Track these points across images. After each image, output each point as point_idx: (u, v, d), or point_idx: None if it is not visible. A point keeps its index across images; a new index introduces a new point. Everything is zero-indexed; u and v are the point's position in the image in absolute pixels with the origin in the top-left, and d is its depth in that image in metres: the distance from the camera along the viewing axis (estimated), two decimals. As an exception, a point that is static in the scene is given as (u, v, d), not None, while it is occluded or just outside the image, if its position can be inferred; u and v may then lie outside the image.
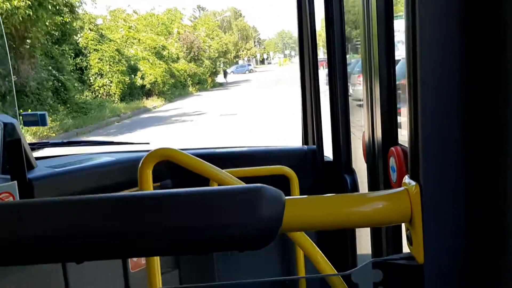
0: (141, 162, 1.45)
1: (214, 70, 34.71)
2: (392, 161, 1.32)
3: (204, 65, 32.06)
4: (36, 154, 2.09)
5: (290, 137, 6.50)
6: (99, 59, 20.15)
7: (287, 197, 0.61)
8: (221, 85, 35.97)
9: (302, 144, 2.28)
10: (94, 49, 20.22)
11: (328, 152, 2.09)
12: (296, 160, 2.12)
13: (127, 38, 25.41)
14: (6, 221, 0.57)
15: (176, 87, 27.08)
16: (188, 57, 30.51)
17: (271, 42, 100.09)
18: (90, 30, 20.56)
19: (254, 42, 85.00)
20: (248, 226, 0.57)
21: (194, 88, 30.32)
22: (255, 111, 15.87)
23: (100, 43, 20.50)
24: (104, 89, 20.20)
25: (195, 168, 1.44)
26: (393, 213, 0.64)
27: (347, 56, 1.90)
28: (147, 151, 1.49)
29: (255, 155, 2.21)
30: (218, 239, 0.58)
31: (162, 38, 28.74)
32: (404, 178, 0.66)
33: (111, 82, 20.30)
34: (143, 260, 1.99)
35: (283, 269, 2.21)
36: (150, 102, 22.59)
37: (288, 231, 1.00)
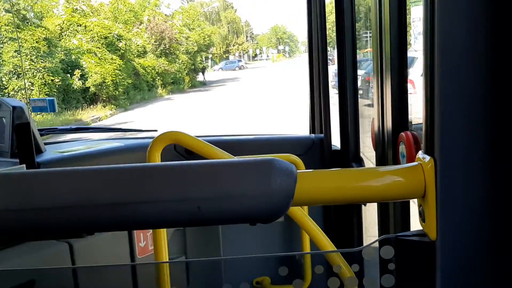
0: (150, 144, 1.45)
1: (193, 67, 28.56)
2: (402, 147, 1.32)
3: (179, 61, 26.10)
4: (45, 140, 2.09)
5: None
6: (15, 51, 14.46)
7: (298, 171, 0.61)
8: (203, 84, 30.59)
9: (310, 133, 2.29)
10: (10, 38, 14.63)
11: (335, 141, 2.09)
12: (304, 149, 2.12)
13: (70, 24, 19.01)
14: (14, 191, 0.57)
15: (140, 89, 21.57)
16: (158, 50, 24.54)
17: (264, 37, 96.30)
18: (6, 11, 14.79)
19: (247, 36, 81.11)
20: (260, 197, 0.57)
21: (165, 90, 24.35)
22: (233, 123, 12.11)
23: (20, 29, 14.77)
24: (23, 94, 14.19)
25: (202, 152, 1.44)
26: (407, 188, 0.63)
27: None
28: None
29: (262, 143, 2.21)
30: (230, 211, 0.58)
31: (120, 26, 22.41)
32: (418, 153, 0.65)
33: (33, 84, 14.73)
34: (150, 246, 1.99)
35: (288, 250, 2.21)
36: (94, 112, 16.67)
37: (300, 205, 1.00)
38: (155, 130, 2.43)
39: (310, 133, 2.28)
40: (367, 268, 0.70)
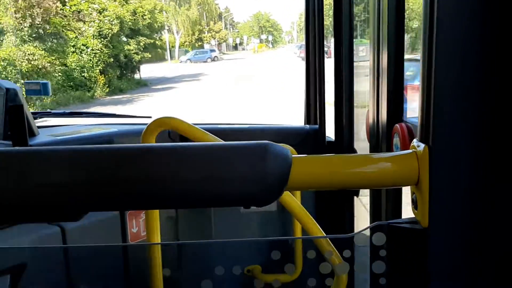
0: (144, 129, 1.45)
1: (117, 61, 18.35)
2: (396, 139, 1.33)
3: (81, 49, 16.43)
4: (38, 123, 2.08)
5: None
6: None
7: (293, 155, 0.61)
8: (142, 85, 20.58)
9: (305, 123, 2.29)
10: None
11: (330, 132, 2.10)
12: (298, 139, 2.12)
13: None
14: (7, 169, 0.56)
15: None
16: (25, 32, 14.26)
17: (246, 25, 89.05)
18: None
19: (226, 24, 73.26)
20: (255, 180, 0.57)
21: (49, 99, 13.71)
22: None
23: None
24: None
25: (196, 138, 1.44)
26: (400, 175, 0.63)
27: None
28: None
29: (257, 132, 2.22)
30: (224, 193, 0.58)
31: None
32: (412, 141, 0.65)
33: None
34: (142, 232, 2.00)
35: (281, 241, 2.23)
36: None
37: (294, 189, 1.01)
38: (150, 117, 2.43)
39: (305, 124, 2.28)
40: (357, 255, 0.70)
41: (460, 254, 0.62)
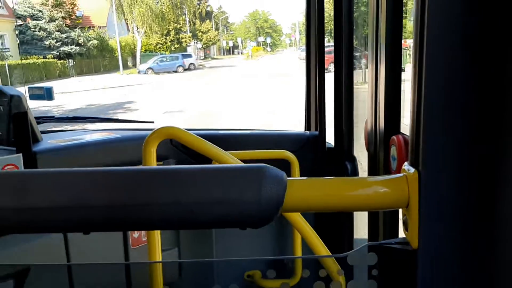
0: (145, 139, 1.47)
1: None
2: (393, 150, 1.34)
3: None
4: (42, 128, 2.11)
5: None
6: None
7: (289, 178, 0.63)
8: None
9: (305, 130, 2.31)
10: None
11: (330, 138, 2.11)
12: (298, 145, 2.14)
13: None
14: (11, 190, 0.59)
15: None
16: None
17: (241, 26, 78.31)
18: None
19: (217, 24, 61.91)
20: (250, 204, 0.59)
21: None
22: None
23: None
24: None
25: (197, 147, 1.46)
26: (391, 198, 0.65)
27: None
28: (152, 129, 1.51)
29: (257, 138, 2.24)
30: (220, 216, 0.60)
31: None
32: (403, 165, 0.67)
33: None
34: (143, 237, 2.02)
35: (281, 251, 2.25)
36: None
37: (289, 211, 1.03)
38: (152, 122, 2.45)
39: (305, 130, 2.30)
40: (358, 271, 0.73)
41: (449, 276, 0.64)
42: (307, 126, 2.28)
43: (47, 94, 2.18)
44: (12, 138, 1.80)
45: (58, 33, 32.36)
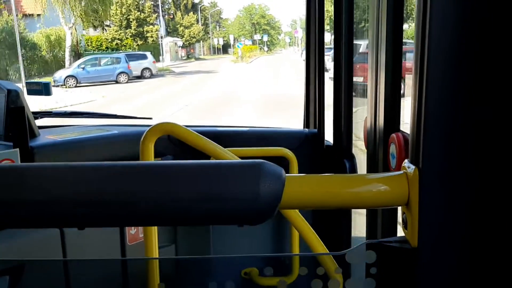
0: (143, 135, 1.46)
1: None
2: (392, 148, 1.34)
3: None
4: (39, 123, 2.10)
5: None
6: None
7: (287, 175, 0.62)
8: None
9: (304, 127, 2.30)
10: None
11: (329, 136, 2.10)
12: (297, 143, 2.14)
13: None
14: (5, 184, 0.58)
15: None
16: None
17: (235, 22, 68.27)
18: None
19: (205, 18, 51.61)
20: (247, 200, 0.58)
21: None
22: None
23: None
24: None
25: (195, 144, 1.45)
26: (391, 196, 0.65)
27: None
28: (150, 126, 1.51)
29: (255, 136, 2.23)
30: (217, 212, 0.59)
31: None
32: (403, 162, 0.66)
33: None
34: (140, 234, 2.01)
35: (278, 248, 2.25)
36: None
37: (287, 208, 1.02)
38: (150, 118, 2.44)
39: (304, 128, 2.29)
40: (355, 269, 0.72)
41: (448, 274, 0.64)
42: (306, 124, 2.28)
43: (45, 89, 2.17)
44: (9, 133, 1.79)
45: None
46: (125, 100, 15.83)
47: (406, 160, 0.66)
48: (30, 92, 2.26)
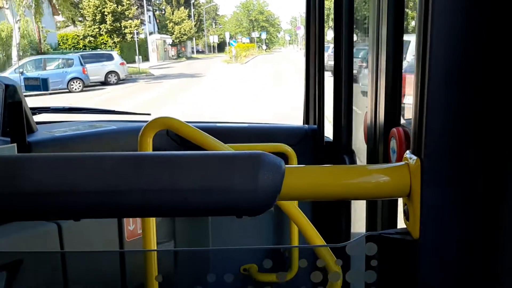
0: (142, 130, 1.45)
1: None
2: (392, 142, 1.33)
3: None
4: (37, 118, 2.09)
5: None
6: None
7: (287, 166, 0.61)
8: None
9: (304, 123, 2.29)
10: None
11: (328, 132, 2.10)
12: (296, 139, 2.13)
13: None
14: (4, 175, 0.57)
15: None
16: None
17: (232, 19, 65.11)
18: None
19: (199, 14, 48.17)
20: (247, 191, 0.57)
21: None
22: None
23: None
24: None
25: (194, 139, 1.44)
26: (392, 187, 0.64)
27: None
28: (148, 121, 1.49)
29: (255, 132, 2.22)
30: (216, 203, 0.58)
31: None
32: (405, 153, 0.66)
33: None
34: (139, 230, 2.00)
35: (278, 243, 2.24)
36: None
37: (287, 199, 1.01)
38: (149, 114, 2.43)
39: (303, 124, 2.29)
40: (355, 261, 0.71)
41: (450, 266, 0.63)
42: (306, 120, 2.27)
43: (43, 85, 2.16)
44: (7, 128, 1.78)
45: None
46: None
47: (408, 151, 0.66)
48: (28, 87, 2.25)
